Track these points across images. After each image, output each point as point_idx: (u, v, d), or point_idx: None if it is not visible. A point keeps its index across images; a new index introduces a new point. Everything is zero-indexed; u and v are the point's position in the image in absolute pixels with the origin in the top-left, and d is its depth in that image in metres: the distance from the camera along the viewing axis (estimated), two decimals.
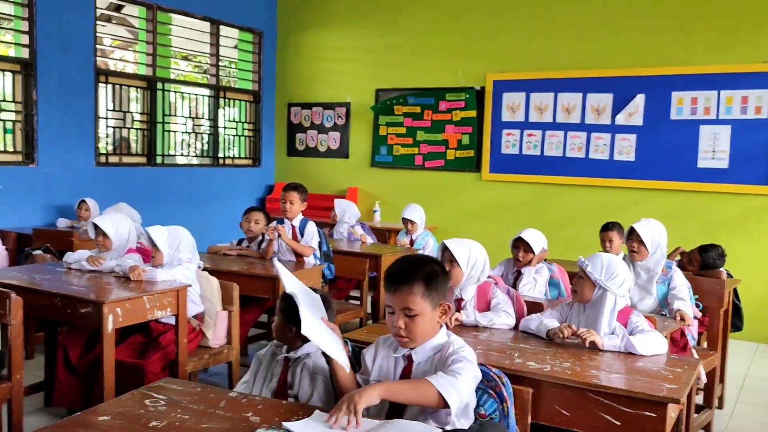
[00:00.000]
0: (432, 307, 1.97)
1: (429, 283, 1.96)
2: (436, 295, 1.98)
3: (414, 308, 1.94)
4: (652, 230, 3.62)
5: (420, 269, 1.97)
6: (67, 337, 3.60)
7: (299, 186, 4.71)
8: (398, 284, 1.95)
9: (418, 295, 1.94)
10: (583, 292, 2.78)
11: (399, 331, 1.96)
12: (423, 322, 1.96)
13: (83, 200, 5.74)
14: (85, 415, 1.84)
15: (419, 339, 1.98)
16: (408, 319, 1.95)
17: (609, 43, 6.38)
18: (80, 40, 6.19)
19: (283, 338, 2.38)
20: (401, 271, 1.97)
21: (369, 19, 7.68)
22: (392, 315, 1.98)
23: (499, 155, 6.99)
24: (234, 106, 8.10)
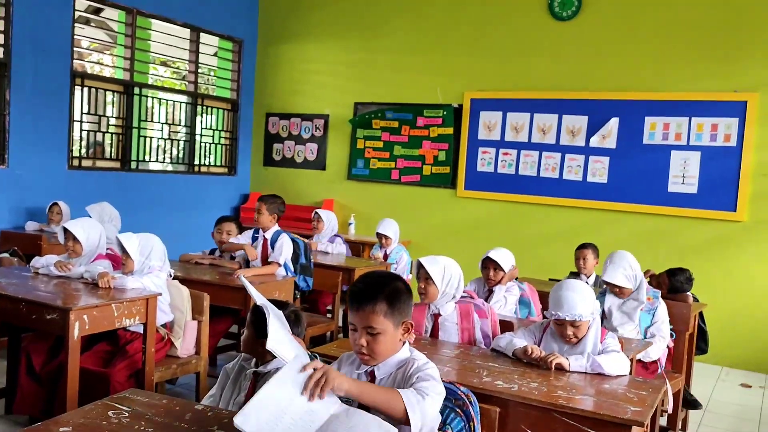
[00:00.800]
0: (394, 326, 1.96)
1: (392, 302, 1.95)
2: (398, 314, 1.97)
3: (376, 327, 1.93)
4: (623, 267, 3.63)
5: (383, 288, 1.95)
6: (31, 344, 3.53)
7: (271, 197, 4.67)
8: (361, 303, 1.94)
9: (381, 314, 1.93)
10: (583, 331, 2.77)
11: (361, 348, 1.95)
12: (385, 340, 1.95)
13: (55, 203, 5.66)
14: (45, 425, 1.81)
15: (381, 357, 1.98)
16: (370, 337, 1.94)
17: (585, 66, 6.49)
18: (57, 41, 6.12)
19: (253, 352, 2.37)
20: (364, 290, 1.96)
21: (350, 34, 7.72)
22: (355, 332, 1.97)
23: (475, 173, 7.05)
24: (211, 113, 8.07)
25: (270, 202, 4.60)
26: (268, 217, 4.57)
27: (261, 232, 4.61)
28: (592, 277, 4.74)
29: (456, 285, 3.08)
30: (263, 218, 4.56)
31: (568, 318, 2.72)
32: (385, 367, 1.99)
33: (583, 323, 2.74)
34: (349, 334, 2.01)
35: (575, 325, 2.73)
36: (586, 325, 2.75)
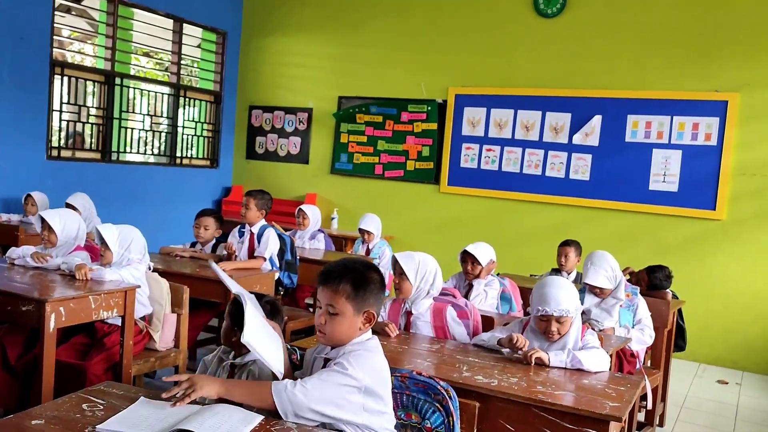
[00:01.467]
0: (354, 311, 1.96)
1: (356, 287, 1.96)
2: (361, 300, 1.97)
3: (336, 307, 1.95)
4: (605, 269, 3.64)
5: (352, 272, 1.98)
6: (6, 336, 3.47)
7: (259, 193, 4.64)
8: (327, 282, 1.97)
9: (343, 296, 1.95)
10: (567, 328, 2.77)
11: (319, 326, 1.98)
12: (342, 323, 1.96)
13: (29, 195, 5.57)
14: (17, 418, 1.77)
15: (335, 339, 1.98)
16: (329, 316, 1.96)
17: (569, 64, 6.52)
18: (37, 30, 6.02)
19: (230, 343, 2.35)
20: (333, 270, 2.00)
21: (334, 28, 7.68)
22: (319, 309, 2.00)
23: (458, 168, 7.05)
24: (194, 105, 7.99)
25: (259, 198, 4.58)
26: (256, 213, 4.55)
27: (247, 227, 4.57)
28: (572, 274, 4.76)
29: (431, 281, 3.07)
30: (251, 213, 4.53)
31: (555, 314, 2.72)
32: (337, 352, 1.98)
33: (568, 319, 2.75)
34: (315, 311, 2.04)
35: (561, 321, 2.74)
36: (569, 321, 2.76)
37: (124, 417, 1.79)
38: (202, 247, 4.72)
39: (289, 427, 1.83)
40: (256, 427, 1.80)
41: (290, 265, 4.68)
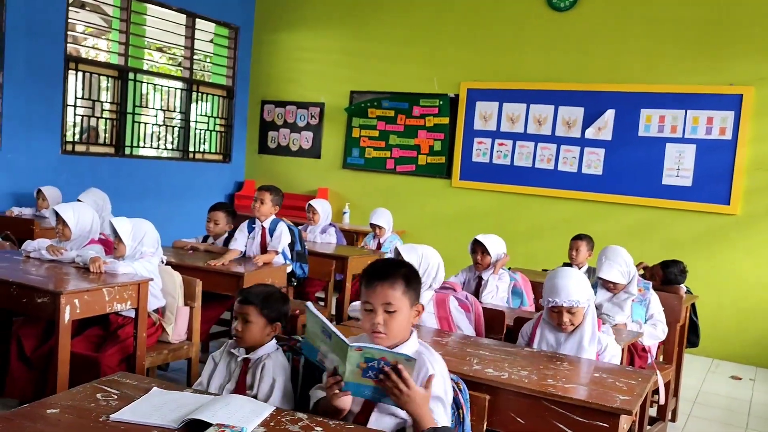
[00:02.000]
0: (409, 306, 2.01)
1: (408, 281, 2.01)
2: (413, 294, 2.03)
3: (394, 303, 1.97)
4: (619, 264, 3.61)
5: (400, 268, 2.04)
6: (21, 327, 3.52)
7: (273, 188, 4.66)
8: (380, 279, 1.99)
9: (399, 291, 1.98)
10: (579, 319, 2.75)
11: (377, 326, 1.97)
12: (401, 319, 1.99)
13: (40, 189, 5.62)
14: (33, 407, 1.80)
15: (397, 336, 2.00)
16: (387, 315, 1.97)
17: (582, 57, 6.48)
18: (51, 25, 6.07)
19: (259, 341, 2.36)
20: (383, 268, 2.03)
21: (346, 22, 7.68)
22: (370, 312, 1.99)
23: (470, 163, 7.04)
24: (207, 100, 8.03)
25: (274, 193, 4.60)
26: (270, 208, 4.57)
27: (258, 222, 4.58)
28: (583, 268, 4.74)
29: (433, 274, 3.09)
30: (265, 208, 4.55)
31: (565, 304, 2.71)
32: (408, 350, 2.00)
33: (579, 309, 2.74)
34: (362, 316, 2.03)
35: (572, 311, 2.73)
36: (581, 312, 2.75)
37: (137, 406, 1.81)
38: (214, 241, 4.75)
39: (300, 417, 1.85)
40: (267, 418, 1.81)
41: (301, 256, 4.71)
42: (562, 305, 2.72)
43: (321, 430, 1.78)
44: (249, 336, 2.32)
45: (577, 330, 2.76)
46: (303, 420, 1.83)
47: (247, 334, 2.32)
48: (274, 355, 2.32)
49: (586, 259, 4.75)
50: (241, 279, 3.95)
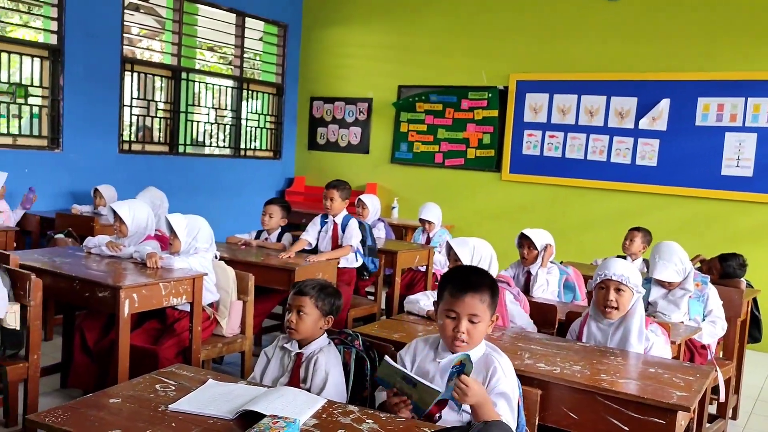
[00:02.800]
0: (490, 316, 2.08)
1: (493, 293, 2.08)
2: (495, 305, 2.10)
3: (479, 314, 2.03)
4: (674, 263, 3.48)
5: (487, 279, 2.10)
6: (84, 321, 3.65)
7: (340, 183, 4.69)
8: (471, 290, 2.04)
9: (486, 303, 2.05)
10: (625, 304, 2.71)
11: (461, 336, 2.03)
12: (483, 328, 2.06)
13: (96, 188, 5.80)
14: (96, 397, 1.87)
15: (476, 344, 2.07)
16: (471, 324, 2.04)
17: (634, 46, 6.32)
18: (107, 28, 6.26)
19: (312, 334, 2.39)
20: (471, 279, 2.08)
21: (393, 17, 7.68)
22: (453, 320, 2.05)
23: (520, 156, 6.96)
24: (257, 98, 8.15)
25: (342, 189, 4.65)
26: (340, 204, 4.62)
27: (330, 217, 4.64)
28: (637, 261, 4.64)
29: (487, 266, 3.07)
30: (336, 204, 4.60)
31: (614, 277, 2.68)
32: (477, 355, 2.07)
33: (627, 291, 2.69)
34: (443, 322, 2.07)
35: (619, 290, 2.68)
36: (629, 296, 2.69)
37: (194, 397, 1.86)
38: (268, 236, 4.82)
39: (351, 410, 1.87)
40: (319, 410, 1.84)
41: (372, 251, 4.77)
42: (611, 278, 2.68)
43: (372, 423, 1.80)
44: (302, 328, 2.35)
45: (624, 325, 2.71)
46: (354, 412, 1.85)
47: (300, 326, 2.35)
48: (326, 350, 2.35)
49: (640, 251, 4.64)
50: (293, 273, 4.00)
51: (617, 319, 2.73)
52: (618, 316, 2.72)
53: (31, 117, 5.94)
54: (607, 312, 2.72)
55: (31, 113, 5.93)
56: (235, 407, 1.79)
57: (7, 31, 6.12)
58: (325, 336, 2.40)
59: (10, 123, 5.75)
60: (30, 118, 5.93)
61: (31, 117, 5.94)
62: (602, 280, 2.72)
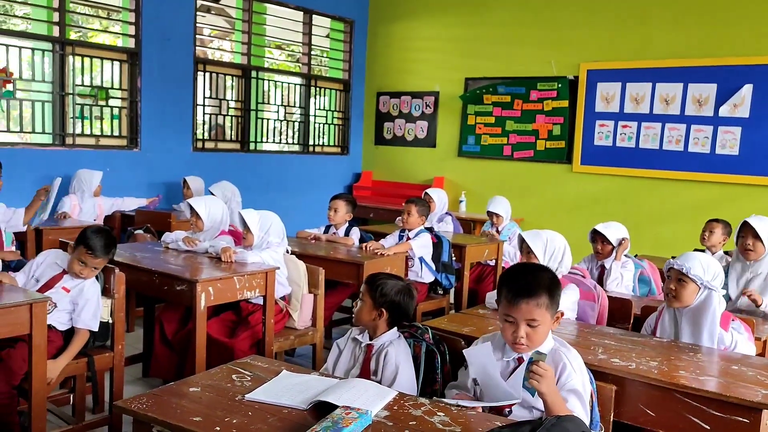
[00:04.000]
0: (551, 317, 2.05)
1: (552, 294, 2.04)
2: (555, 305, 2.06)
3: (539, 319, 2.01)
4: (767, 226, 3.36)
5: (543, 282, 2.05)
6: (163, 313, 3.81)
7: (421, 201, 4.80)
8: (526, 297, 2.01)
9: (543, 307, 2.02)
10: (685, 296, 2.65)
11: (519, 339, 2.02)
12: (544, 330, 2.04)
13: (185, 179, 6.03)
14: (177, 385, 1.95)
15: (536, 345, 2.05)
16: (530, 329, 2.02)
17: (712, 29, 6.05)
18: (181, 30, 6.47)
19: (366, 323, 2.43)
20: (527, 284, 2.03)
21: (458, 9, 7.61)
22: (511, 324, 2.04)
23: (592, 147, 6.78)
24: (324, 94, 8.25)
25: (421, 204, 4.71)
26: (417, 219, 4.66)
27: (406, 231, 4.69)
28: (717, 254, 4.45)
29: (560, 258, 3.02)
30: (413, 219, 4.64)
31: (675, 266, 2.64)
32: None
33: (689, 283, 2.61)
34: (502, 325, 2.07)
35: (681, 280, 2.63)
36: (692, 288, 2.62)
37: (269, 388, 1.92)
38: (336, 230, 4.89)
39: (422, 402, 1.88)
40: (390, 402, 1.86)
41: (447, 267, 4.76)
42: (673, 266, 2.65)
43: (443, 415, 1.80)
44: (358, 313, 2.44)
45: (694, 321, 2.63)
46: (425, 405, 1.86)
47: (357, 311, 2.45)
48: (396, 342, 2.37)
49: (720, 243, 4.45)
50: (362, 267, 4.04)
51: (687, 312, 2.65)
52: (678, 305, 2.67)
53: (112, 118, 6.21)
54: (668, 301, 2.69)
55: (112, 114, 6.20)
56: (309, 398, 1.83)
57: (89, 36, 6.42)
58: (395, 330, 2.42)
59: (93, 124, 6.03)
60: (111, 119, 6.21)
61: (111, 118, 6.21)
62: (668, 269, 2.71)
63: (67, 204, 5.34)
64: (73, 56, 5.77)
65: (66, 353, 2.95)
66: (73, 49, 5.78)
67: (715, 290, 2.62)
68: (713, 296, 2.62)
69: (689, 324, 2.65)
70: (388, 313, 2.41)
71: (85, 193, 5.46)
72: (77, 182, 5.47)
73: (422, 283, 4.61)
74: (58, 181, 4.22)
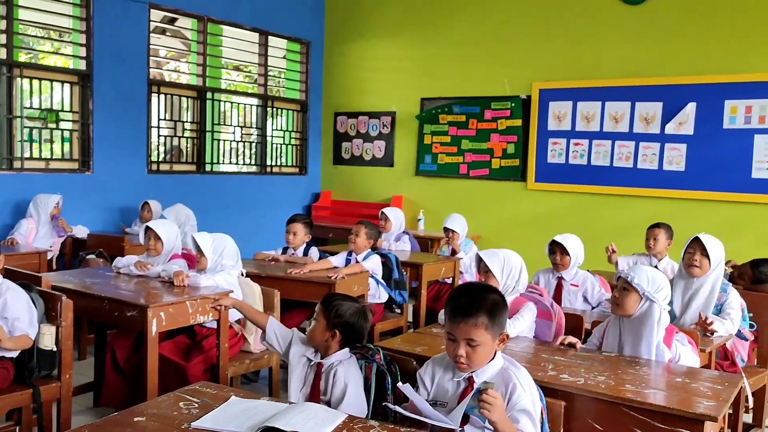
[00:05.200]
0: (492, 338, 2.05)
1: (492, 315, 2.04)
2: (497, 326, 2.05)
3: (477, 339, 2.01)
4: (716, 244, 3.39)
5: (484, 302, 2.04)
6: (115, 339, 3.72)
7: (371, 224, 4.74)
8: (464, 316, 2.02)
9: (482, 327, 2.02)
10: (627, 305, 2.71)
11: (459, 358, 2.03)
12: (483, 351, 2.04)
13: (146, 202, 5.94)
14: (122, 415, 1.91)
15: (478, 365, 2.06)
16: (470, 348, 2.02)
17: (659, 50, 6.25)
18: (135, 52, 6.41)
19: (318, 343, 2.43)
20: (466, 304, 2.04)
21: (414, 30, 7.72)
22: (453, 342, 2.05)
23: (545, 164, 6.92)
24: (282, 115, 8.25)
25: (371, 228, 4.67)
26: (365, 242, 4.63)
27: (354, 254, 4.66)
28: (664, 260, 4.54)
29: (517, 277, 3.05)
30: (360, 240, 4.62)
31: (623, 275, 2.72)
32: (484, 375, 2.07)
33: (632, 293, 2.69)
34: (446, 343, 2.09)
35: (625, 288, 2.70)
36: (634, 298, 2.69)
37: (217, 415, 1.89)
38: (294, 251, 4.86)
39: (372, 425, 1.88)
40: (340, 425, 1.85)
41: (399, 283, 4.76)
42: (620, 275, 2.73)
43: None
44: (311, 333, 2.46)
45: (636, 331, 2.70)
46: (375, 427, 1.86)
47: (310, 331, 2.46)
48: (346, 362, 2.37)
49: (665, 248, 4.54)
50: (332, 287, 4.02)
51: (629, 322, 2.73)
52: (620, 312, 2.74)
53: (63, 141, 6.10)
54: (612, 308, 2.79)
55: (62, 137, 6.09)
56: (256, 423, 1.81)
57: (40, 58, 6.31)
58: (346, 350, 2.42)
59: (43, 147, 5.91)
60: (61, 141, 6.09)
61: (62, 141, 6.10)
62: (617, 278, 2.81)
63: (24, 227, 5.22)
64: (21, 78, 5.67)
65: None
66: (21, 71, 5.68)
67: (657, 302, 2.67)
68: (654, 308, 2.67)
69: (630, 334, 2.72)
70: (342, 334, 2.41)
71: (41, 217, 5.34)
72: (34, 206, 5.36)
73: (378, 303, 4.61)
74: None
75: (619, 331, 2.79)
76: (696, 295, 3.39)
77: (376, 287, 4.60)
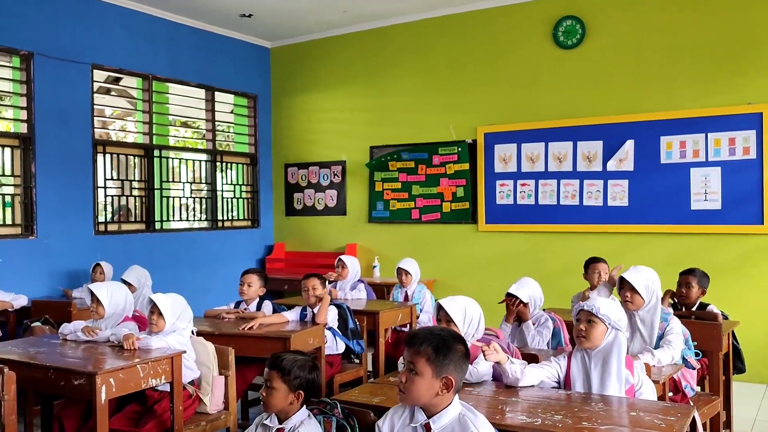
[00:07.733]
0: (433, 374, 2.06)
1: (437, 350, 2.08)
2: (440, 365, 2.07)
3: (416, 367, 2.06)
4: (643, 277, 3.53)
5: (436, 337, 2.11)
6: (63, 410, 3.57)
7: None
8: (411, 342, 2.11)
9: (424, 357, 2.06)
10: (594, 336, 2.75)
11: (399, 384, 2.08)
12: (420, 383, 2.05)
13: (98, 264, 5.79)
14: None
15: (413, 398, 2.05)
16: (409, 374, 2.07)
17: (596, 91, 6.51)
18: (78, 112, 6.34)
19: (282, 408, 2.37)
20: (420, 332, 2.15)
21: (360, 80, 7.87)
22: (402, 367, 2.13)
23: (494, 206, 7.05)
24: (232, 169, 8.23)
25: (322, 279, 4.64)
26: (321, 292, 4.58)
27: (309, 309, 4.60)
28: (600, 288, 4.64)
29: (476, 325, 3.08)
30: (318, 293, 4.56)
31: (586, 308, 2.75)
32: (440, 421, 2.07)
33: (598, 324, 2.72)
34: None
35: (590, 320, 2.74)
36: (600, 329, 2.72)
37: None
38: (247, 306, 4.80)
39: None
40: None
41: (355, 333, 4.72)
42: (583, 308, 2.76)
43: None
44: (271, 401, 2.36)
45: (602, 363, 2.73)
46: None
47: (270, 399, 2.37)
48: (307, 422, 2.33)
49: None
50: (288, 341, 3.96)
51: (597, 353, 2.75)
52: (588, 345, 2.76)
53: (4, 206, 5.94)
54: (579, 342, 2.79)
55: (3, 202, 5.93)
56: None
57: None
58: (304, 410, 2.39)
59: None
60: (2, 206, 5.94)
61: (3, 206, 5.94)
62: (577, 312, 2.82)
63: None
64: None
65: None
66: None
67: (621, 331, 2.75)
68: (620, 336, 2.74)
69: (598, 365, 2.74)
70: (305, 393, 2.39)
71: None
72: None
73: (335, 354, 4.57)
74: None
75: (583, 365, 2.80)
76: (637, 327, 3.48)
77: (333, 338, 4.56)
